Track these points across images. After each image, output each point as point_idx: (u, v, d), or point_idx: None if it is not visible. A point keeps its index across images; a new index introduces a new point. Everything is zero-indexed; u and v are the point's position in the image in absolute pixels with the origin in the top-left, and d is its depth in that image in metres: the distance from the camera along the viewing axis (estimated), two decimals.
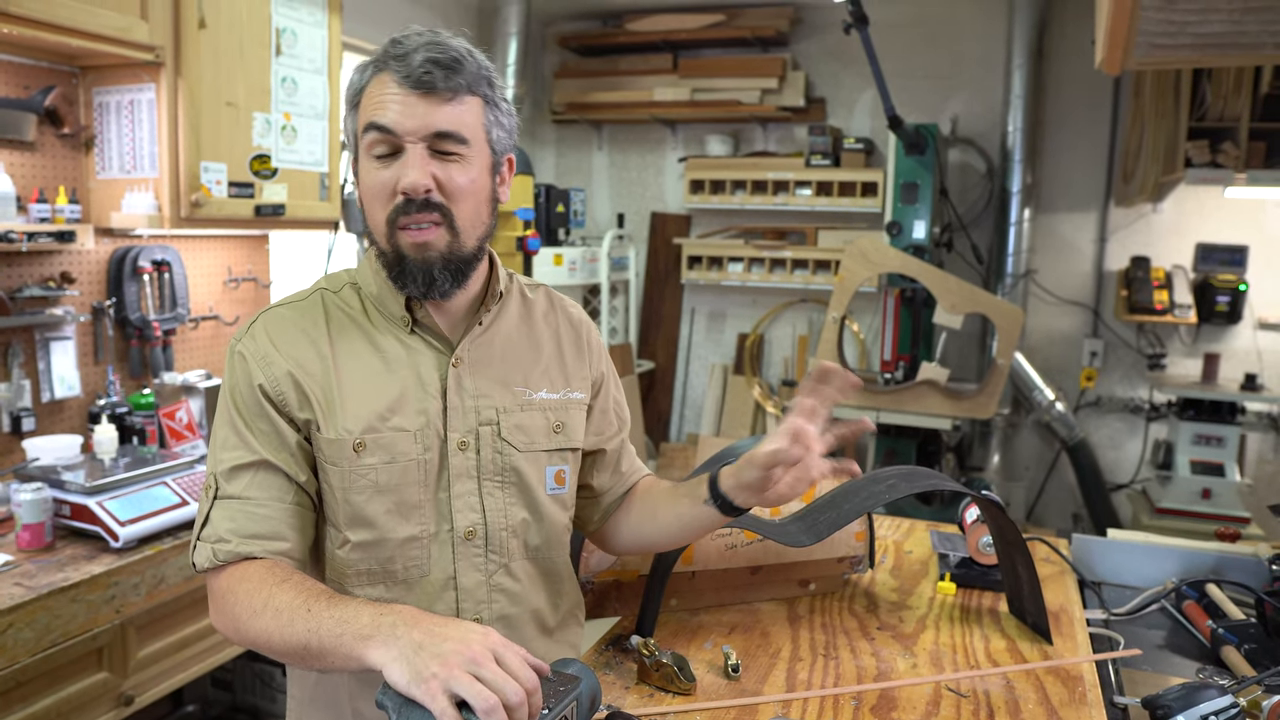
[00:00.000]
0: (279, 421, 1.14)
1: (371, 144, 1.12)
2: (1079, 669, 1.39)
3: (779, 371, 5.07)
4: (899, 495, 1.47)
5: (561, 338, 1.34)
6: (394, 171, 1.11)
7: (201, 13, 2.42)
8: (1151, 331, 4.38)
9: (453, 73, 1.10)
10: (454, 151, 1.12)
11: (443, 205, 1.12)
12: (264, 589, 1.03)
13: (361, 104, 1.14)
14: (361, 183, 1.15)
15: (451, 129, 1.11)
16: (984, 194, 4.56)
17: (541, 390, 1.27)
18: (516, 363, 1.26)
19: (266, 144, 2.68)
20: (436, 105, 1.10)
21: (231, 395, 1.16)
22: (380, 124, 1.10)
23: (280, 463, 1.13)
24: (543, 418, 1.26)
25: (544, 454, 1.25)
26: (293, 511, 1.14)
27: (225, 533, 1.10)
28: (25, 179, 2.39)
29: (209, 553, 1.09)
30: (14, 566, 1.93)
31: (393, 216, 1.12)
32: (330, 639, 0.94)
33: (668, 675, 1.27)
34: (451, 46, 1.11)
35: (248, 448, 1.13)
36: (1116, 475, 4.51)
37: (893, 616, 1.58)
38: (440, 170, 1.11)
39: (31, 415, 2.42)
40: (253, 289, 3.15)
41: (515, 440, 1.22)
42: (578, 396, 1.31)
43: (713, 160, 4.91)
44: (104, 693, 1.99)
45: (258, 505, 1.11)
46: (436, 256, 1.13)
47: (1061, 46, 4.35)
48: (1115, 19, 2.02)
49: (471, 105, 1.14)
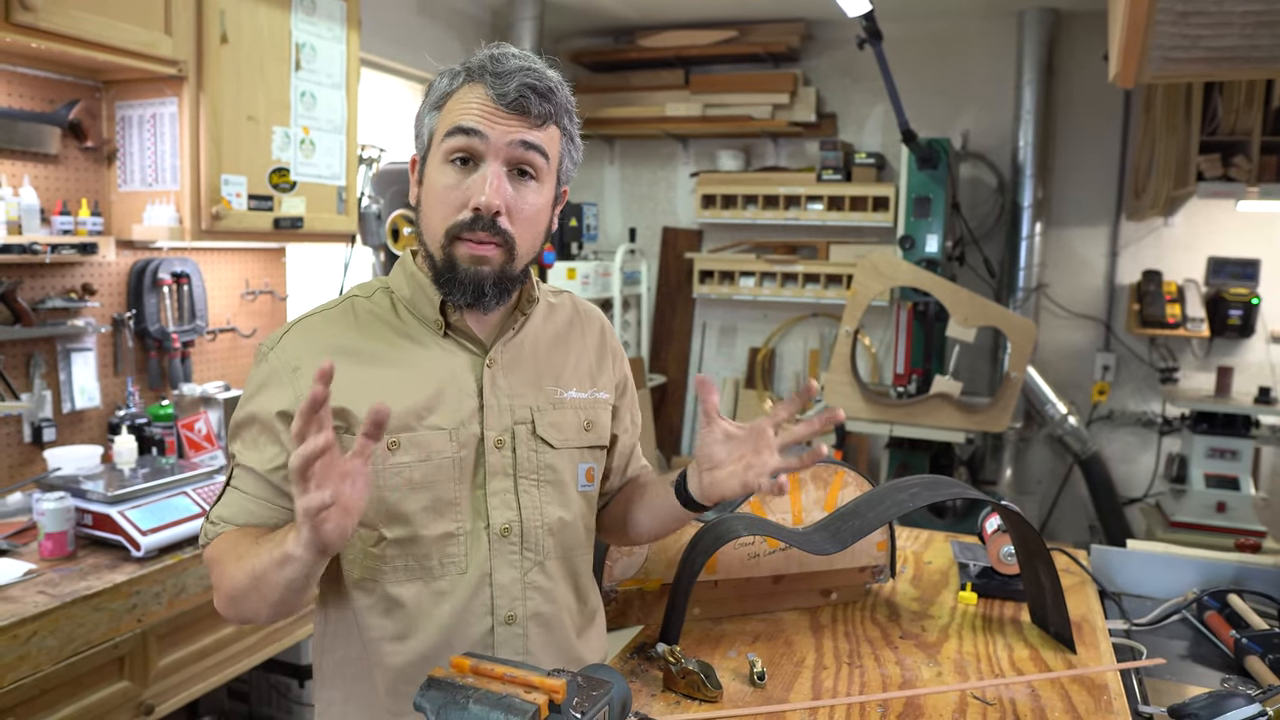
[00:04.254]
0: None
1: (454, 148, 1.14)
2: (1104, 678, 1.39)
3: (790, 385, 5.08)
4: (923, 503, 1.47)
5: (587, 341, 1.36)
6: (469, 182, 1.14)
7: (224, 28, 2.45)
8: (1164, 345, 4.38)
9: (545, 100, 1.15)
10: (530, 174, 1.16)
11: (506, 231, 1.15)
12: (235, 547, 1.11)
13: (448, 107, 1.16)
14: (430, 183, 1.17)
15: (538, 145, 1.15)
16: (995, 208, 4.57)
17: (572, 390, 1.29)
18: (547, 364, 1.29)
19: (285, 157, 2.71)
20: (524, 128, 1.14)
21: (250, 402, 1.19)
22: (470, 128, 1.12)
23: (279, 480, 1.16)
24: (575, 416, 1.28)
25: (577, 451, 1.28)
26: (281, 512, 1.17)
27: (217, 518, 1.17)
28: (49, 191, 2.42)
29: (205, 533, 1.18)
30: (37, 575, 1.94)
31: (454, 229, 1.14)
32: (265, 555, 1.02)
33: (694, 683, 1.27)
34: (547, 75, 1.16)
35: (256, 456, 1.17)
36: (1129, 489, 4.50)
37: (915, 625, 1.58)
38: (513, 193, 1.15)
39: (53, 426, 2.43)
40: (270, 302, 3.17)
41: (550, 438, 1.24)
42: (604, 397, 1.34)
43: (724, 175, 4.93)
44: (124, 701, 1.99)
45: (251, 500, 1.17)
46: (490, 273, 1.16)
47: (1071, 62, 4.37)
48: (1129, 33, 2.04)
49: (553, 135, 1.18)
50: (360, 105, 3.01)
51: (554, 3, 4.49)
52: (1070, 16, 4.32)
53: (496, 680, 0.89)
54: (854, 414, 3.87)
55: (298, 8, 2.69)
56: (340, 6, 2.87)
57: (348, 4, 2.89)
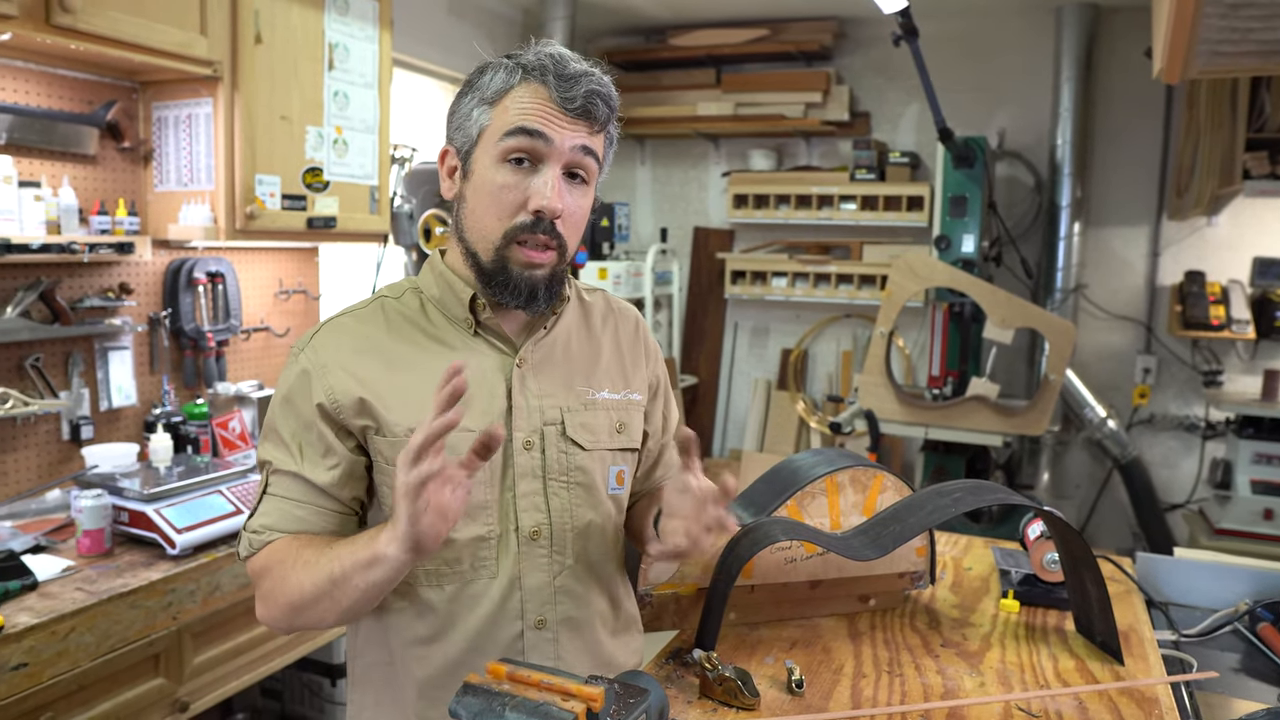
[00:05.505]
0: (331, 438, 1.15)
1: (514, 148, 1.12)
2: (1154, 691, 1.34)
3: (823, 387, 5.03)
4: (965, 509, 1.44)
5: (620, 340, 1.34)
6: (530, 184, 1.12)
7: (258, 28, 2.46)
8: (1207, 348, 4.29)
9: (606, 108, 1.15)
10: (582, 177, 1.16)
11: (562, 235, 1.15)
12: (290, 556, 1.10)
13: (504, 104, 1.14)
14: (482, 181, 1.15)
15: (595, 151, 1.16)
16: (1032, 208, 4.50)
17: (603, 390, 1.27)
18: (578, 364, 1.26)
19: (319, 157, 2.72)
20: (586, 133, 1.14)
21: (284, 404, 1.17)
22: (537, 130, 1.11)
23: (317, 478, 1.15)
24: (606, 417, 1.26)
25: (608, 453, 1.25)
26: (331, 516, 1.16)
27: (260, 526, 1.15)
28: (87, 192, 2.44)
29: (247, 543, 1.15)
30: (75, 571, 1.95)
31: (513, 232, 1.13)
32: (349, 556, 1.03)
33: (731, 690, 1.25)
34: (607, 82, 1.16)
35: (291, 459, 1.15)
36: (1171, 495, 4.41)
37: (956, 634, 1.54)
38: (568, 196, 1.14)
39: (90, 423, 2.45)
40: (302, 301, 3.18)
41: (581, 439, 1.22)
42: (637, 398, 1.32)
43: (756, 175, 4.90)
44: (160, 699, 2.00)
45: (295, 505, 1.15)
46: (543, 277, 1.16)
47: (1111, 59, 4.29)
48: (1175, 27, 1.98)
49: (603, 141, 1.19)
50: (392, 105, 3.01)
51: (585, 2, 4.48)
52: (1110, 11, 4.24)
53: (533, 687, 0.87)
54: (888, 416, 3.82)
55: (331, 8, 2.70)
56: (373, 6, 2.87)
57: (380, 3, 2.89)
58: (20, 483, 2.33)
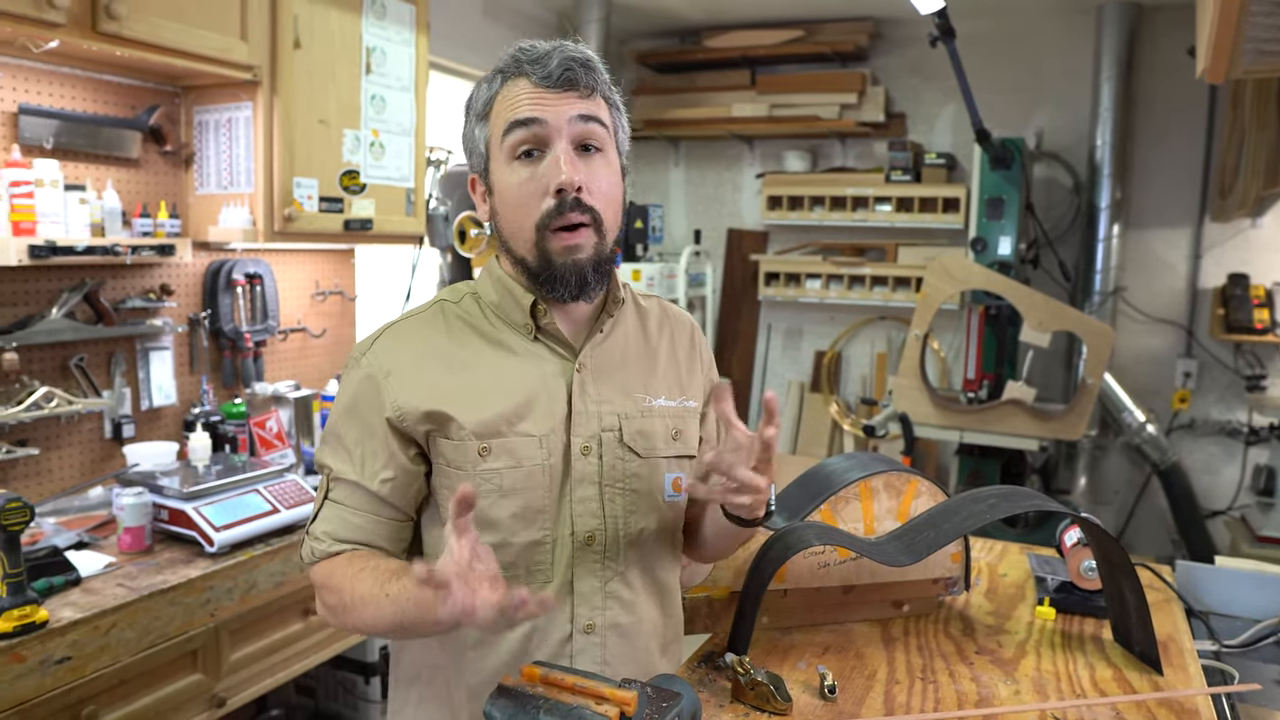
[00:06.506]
0: (394, 447, 1.16)
1: (516, 144, 1.13)
2: (1194, 703, 1.32)
3: (857, 389, 5.00)
4: (1001, 515, 1.43)
5: (676, 347, 1.34)
6: (542, 170, 1.13)
7: (297, 33, 2.49)
8: (1250, 351, 4.20)
9: (589, 71, 1.14)
10: (595, 146, 1.15)
11: (592, 208, 1.14)
12: (345, 584, 1.11)
13: (495, 111, 1.16)
14: (502, 187, 1.16)
15: (595, 116, 1.15)
16: (1071, 209, 4.44)
17: (660, 397, 1.27)
18: (636, 370, 1.26)
19: (356, 160, 2.75)
20: (577, 100, 1.14)
21: (347, 412, 1.18)
22: (527, 118, 1.12)
23: (377, 488, 1.16)
24: (662, 424, 1.25)
25: (664, 460, 1.25)
26: (388, 525, 1.18)
27: (322, 534, 1.16)
28: (130, 194, 2.48)
29: (311, 549, 1.17)
30: (117, 568, 1.99)
31: (543, 221, 1.13)
32: (413, 613, 1.02)
33: (763, 695, 1.25)
34: (581, 49, 1.15)
35: (351, 467, 1.16)
36: (1211, 501, 4.33)
37: (991, 641, 1.53)
38: (586, 170, 1.14)
39: (131, 422, 2.50)
40: (339, 302, 3.22)
41: (638, 446, 1.22)
42: (693, 405, 1.31)
43: (791, 176, 4.88)
44: (198, 694, 2.03)
45: (353, 514, 1.16)
46: (587, 259, 1.15)
47: (1153, 57, 4.23)
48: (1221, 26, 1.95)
49: (602, 105, 1.17)
50: (428, 108, 3.04)
51: (620, 4, 4.49)
52: (1152, 10, 4.17)
53: (567, 691, 0.87)
54: (923, 420, 3.79)
55: (369, 12, 2.73)
56: (410, 10, 2.90)
57: (417, 7, 2.92)
58: (64, 480, 2.38)
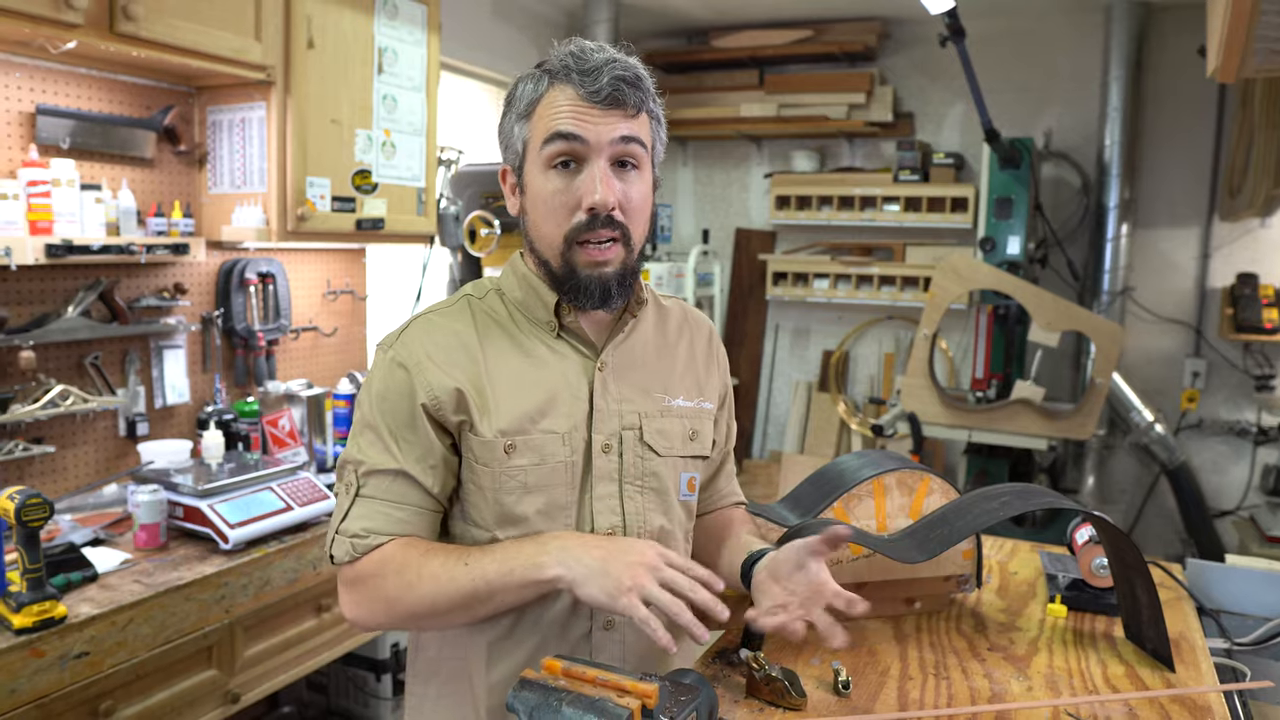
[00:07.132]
0: (430, 434, 1.16)
1: (555, 154, 1.14)
2: (1206, 699, 1.33)
3: (864, 389, 5.00)
4: (1013, 513, 1.43)
5: (695, 349, 1.36)
6: (578, 184, 1.13)
7: (310, 33, 2.50)
8: (1259, 351, 4.20)
9: (636, 90, 1.14)
10: (633, 164, 1.16)
11: (623, 224, 1.15)
12: (412, 563, 1.11)
13: (538, 114, 1.16)
14: (535, 191, 1.17)
15: (636, 137, 1.15)
16: (1079, 209, 4.44)
17: (679, 398, 1.28)
18: (656, 370, 1.28)
19: (367, 160, 2.76)
20: (621, 120, 1.14)
21: (381, 400, 1.18)
22: (571, 133, 1.12)
23: (419, 475, 1.16)
24: (680, 424, 1.27)
25: (680, 460, 1.27)
26: (426, 516, 1.18)
27: (361, 529, 1.15)
28: (144, 194, 2.50)
29: (347, 547, 1.15)
30: (133, 564, 2.01)
31: (572, 234, 1.14)
32: (498, 578, 1.06)
33: (778, 690, 1.26)
34: (632, 64, 1.15)
35: (391, 456, 1.16)
36: (1220, 501, 4.32)
37: (1003, 638, 1.53)
38: (621, 186, 1.14)
39: (145, 420, 2.52)
40: (350, 301, 3.23)
41: (657, 445, 1.24)
42: (709, 406, 1.33)
43: (798, 176, 4.88)
44: (213, 690, 2.05)
45: (395, 508, 1.16)
46: (613, 274, 1.16)
47: (1162, 57, 4.22)
48: (1232, 25, 1.95)
49: (645, 121, 1.18)
50: (439, 107, 3.05)
51: (629, 4, 4.50)
52: (1161, 9, 4.17)
53: (588, 684, 0.88)
54: (931, 419, 3.79)
55: (381, 12, 2.74)
56: (421, 10, 2.91)
57: (428, 8, 2.94)
58: (79, 477, 2.40)
